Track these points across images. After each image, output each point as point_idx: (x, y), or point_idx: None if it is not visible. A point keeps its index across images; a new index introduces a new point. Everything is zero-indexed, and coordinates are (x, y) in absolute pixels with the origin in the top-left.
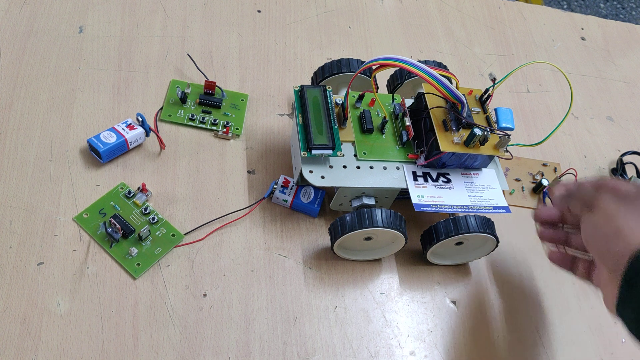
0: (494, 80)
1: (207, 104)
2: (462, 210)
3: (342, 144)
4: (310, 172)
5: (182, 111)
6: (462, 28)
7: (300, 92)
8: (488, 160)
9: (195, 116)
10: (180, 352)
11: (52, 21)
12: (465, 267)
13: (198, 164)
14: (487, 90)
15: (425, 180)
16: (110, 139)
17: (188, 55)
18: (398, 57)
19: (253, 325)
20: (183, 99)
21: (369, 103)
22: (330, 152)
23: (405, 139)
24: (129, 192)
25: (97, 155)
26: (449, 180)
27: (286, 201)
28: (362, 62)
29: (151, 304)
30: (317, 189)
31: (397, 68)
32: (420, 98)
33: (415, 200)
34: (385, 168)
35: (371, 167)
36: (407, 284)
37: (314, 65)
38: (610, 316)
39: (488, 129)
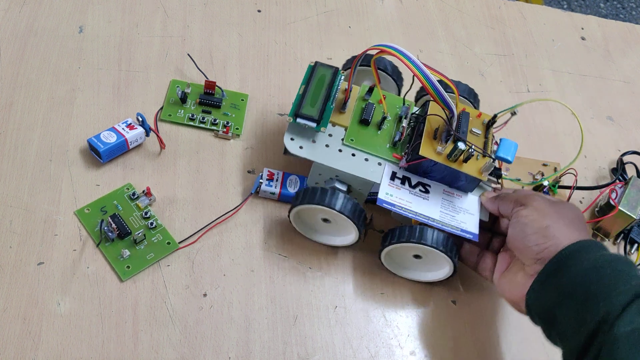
0: (513, 113)
1: (207, 104)
2: (427, 221)
3: (334, 126)
4: (292, 139)
5: (182, 111)
6: (462, 28)
7: (313, 68)
8: (474, 183)
9: (195, 116)
10: (180, 352)
11: (52, 21)
12: (466, 266)
13: (198, 163)
14: (495, 115)
15: (402, 183)
16: (111, 138)
17: (188, 55)
18: (398, 48)
19: (253, 325)
20: (183, 99)
21: (379, 100)
22: (314, 125)
23: (397, 138)
24: (134, 194)
25: (97, 155)
26: (427, 191)
27: (274, 193)
28: (396, 66)
29: (151, 304)
30: (303, 177)
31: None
32: (425, 105)
33: (381, 195)
34: (367, 160)
35: (353, 155)
36: (407, 283)
37: None
38: None
39: (473, 146)
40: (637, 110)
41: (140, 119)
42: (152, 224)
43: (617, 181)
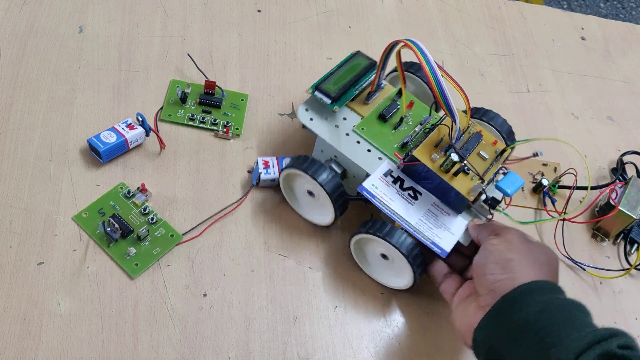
0: (535, 154)
1: (207, 104)
2: (400, 222)
3: (352, 112)
4: (306, 110)
5: (182, 111)
6: (462, 28)
7: (353, 55)
8: (462, 203)
9: (195, 116)
10: (180, 352)
11: (52, 21)
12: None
13: (198, 163)
14: (508, 145)
15: (394, 182)
16: (111, 138)
17: (188, 55)
18: (417, 43)
19: (253, 325)
20: (183, 99)
21: (408, 105)
22: (328, 101)
23: (406, 140)
24: (129, 192)
25: (97, 155)
26: (415, 198)
27: (274, 180)
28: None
29: (151, 304)
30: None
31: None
32: (444, 116)
33: (366, 184)
34: (369, 151)
35: (358, 142)
36: None
37: (314, 65)
38: (610, 317)
39: (466, 161)
40: (637, 110)
41: (140, 119)
42: (152, 219)
43: (617, 181)
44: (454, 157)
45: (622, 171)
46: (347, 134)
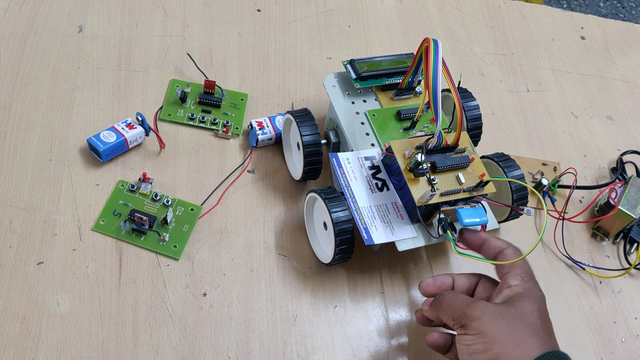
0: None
1: (207, 104)
2: (348, 198)
3: (375, 100)
4: (335, 78)
5: (182, 110)
6: (462, 28)
7: (405, 54)
8: (413, 210)
9: (195, 115)
10: (180, 351)
11: (52, 20)
12: (465, 266)
13: (198, 163)
14: (488, 181)
15: (370, 168)
16: (110, 138)
17: (188, 54)
18: (437, 42)
19: (253, 324)
20: (183, 99)
21: (431, 119)
22: (354, 76)
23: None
24: (132, 187)
25: (97, 154)
26: (380, 189)
27: (271, 139)
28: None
29: (151, 303)
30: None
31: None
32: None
33: (341, 155)
34: (367, 134)
35: (362, 123)
36: (407, 283)
37: (314, 65)
38: (610, 316)
39: (428, 168)
40: (637, 109)
41: (140, 119)
42: (167, 201)
43: (617, 180)
44: (418, 157)
45: (622, 171)
46: (357, 113)
